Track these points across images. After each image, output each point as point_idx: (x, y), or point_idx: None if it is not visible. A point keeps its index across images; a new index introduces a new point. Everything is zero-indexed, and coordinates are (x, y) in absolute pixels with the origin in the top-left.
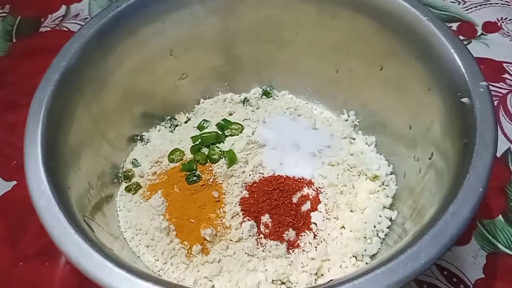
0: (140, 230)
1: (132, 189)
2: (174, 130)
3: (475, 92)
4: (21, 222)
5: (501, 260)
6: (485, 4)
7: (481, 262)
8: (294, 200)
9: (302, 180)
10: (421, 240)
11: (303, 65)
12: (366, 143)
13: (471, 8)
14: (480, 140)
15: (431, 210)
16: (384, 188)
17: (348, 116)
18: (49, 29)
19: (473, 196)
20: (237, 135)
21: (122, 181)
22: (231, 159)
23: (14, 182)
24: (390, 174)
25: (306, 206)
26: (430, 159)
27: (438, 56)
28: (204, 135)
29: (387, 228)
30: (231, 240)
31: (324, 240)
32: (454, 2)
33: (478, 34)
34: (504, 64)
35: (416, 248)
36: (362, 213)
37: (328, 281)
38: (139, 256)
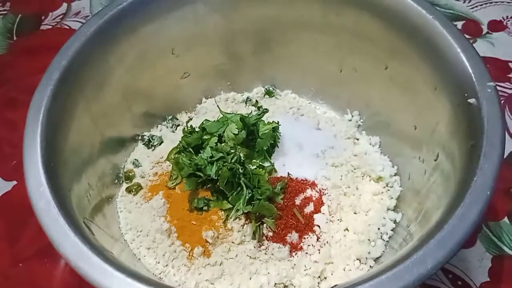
0: (141, 232)
1: (133, 190)
2: (175, 130)
3: (482, 93)
4: (21, 223)
5: (507, 263)
6: (491, 3)
7: (487, 265)
8: (297, 201)
9: (305, 181)
10: (427, 244)
11: (306, 63)
12: (370, 144)
13: (476, 6)
14: (488, 141)
15: (437, 213)
16: (388, 190)
17: (352, 116)
18: (50, 27)
19: (481, 200)
20: None
21: (123, 181)
22: None
23: (14, 182)
24: (395, 175)
25: (309, 208)
26: (435, 160)
27: (445, 56)
28: None
29: (391, 230)
30: (233, 242)
31: (327, 242)
32: (459, 0)
33: (484, 33)
34: (510, 64)
35: (422, 253)
36: (366, 215)
37: (333, 287)
38: (139, 259)
